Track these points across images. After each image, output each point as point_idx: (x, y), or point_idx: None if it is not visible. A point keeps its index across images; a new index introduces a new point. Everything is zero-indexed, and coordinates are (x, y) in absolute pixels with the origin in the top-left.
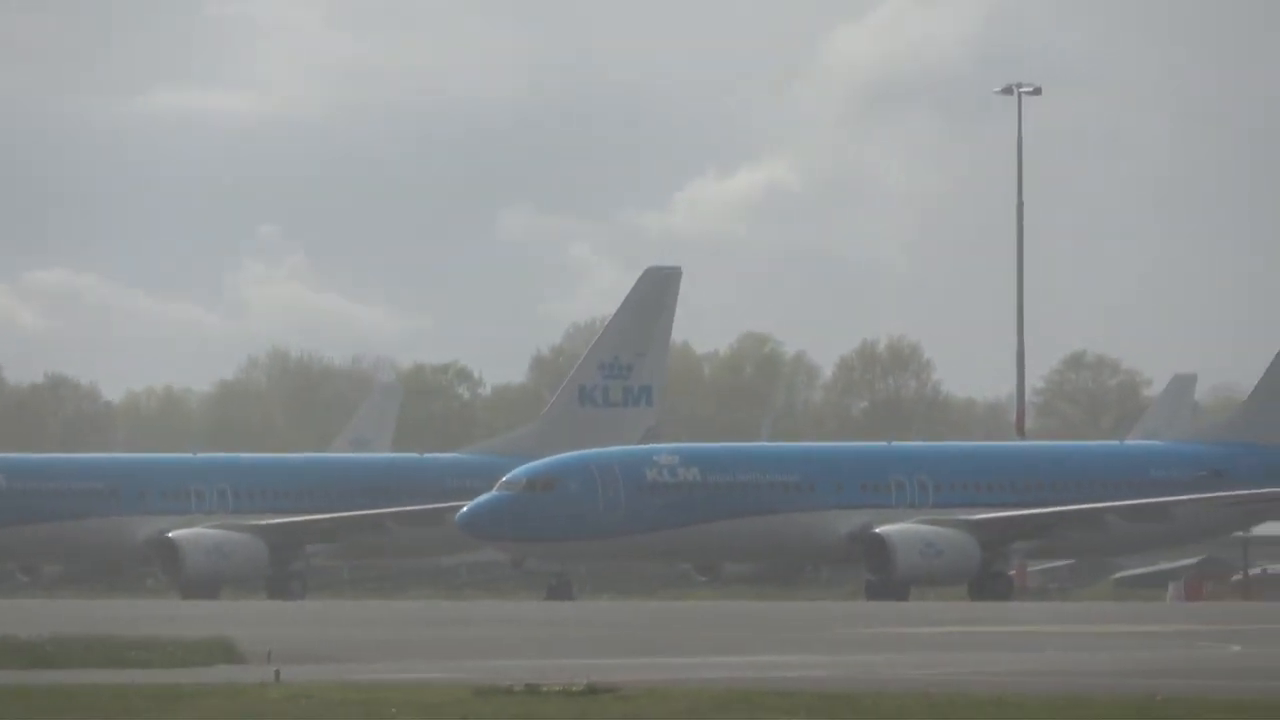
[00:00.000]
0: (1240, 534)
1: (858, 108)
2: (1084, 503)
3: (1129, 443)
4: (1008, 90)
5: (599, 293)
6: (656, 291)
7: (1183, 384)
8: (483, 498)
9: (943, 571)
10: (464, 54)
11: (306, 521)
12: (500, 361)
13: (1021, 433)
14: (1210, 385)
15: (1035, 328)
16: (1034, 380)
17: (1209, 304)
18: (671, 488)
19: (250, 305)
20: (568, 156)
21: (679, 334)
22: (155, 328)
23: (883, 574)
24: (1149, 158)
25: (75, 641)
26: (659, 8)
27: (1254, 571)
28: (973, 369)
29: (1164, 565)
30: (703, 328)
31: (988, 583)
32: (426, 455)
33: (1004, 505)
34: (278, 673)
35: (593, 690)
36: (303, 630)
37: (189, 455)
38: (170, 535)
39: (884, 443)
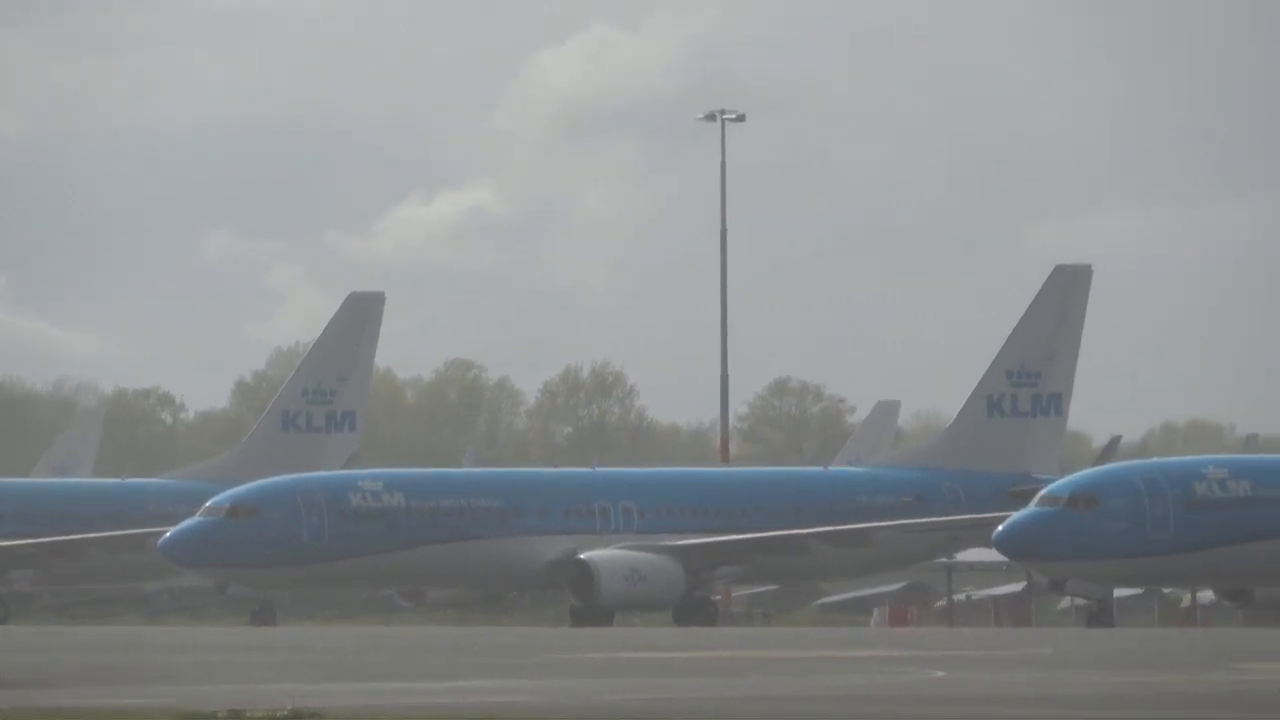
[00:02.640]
0: (944, 560)
1: (561, 133)
2: (788, 528)
3: (832, 469)
4: (711, 117)
5: (302, 318)
6: (359, 317)
7: (885, 410)
8: (185, 523)
9: (647, 597)
10: (166, 78)
11: (7, 547)
12: (203, 387)
13: (725, 458)
14: (913, 411)
15: (739, 354)
16: (738, 406)
17: (911, 331)
18: (375, 513)
19: None
20: (269, 180)
21: (382, 359)
22: None
23: (587, 599)
24: (852, 183)
25: None
26: (363, 33)
27: (958, 597)
28: (677, 395)
29: (868, 591)
30: (406, 353)
31: (692, 608)
32: (128, 481)
33: (708, 531)
34: None
35: (297, 715)
36: (3, 656)
37: None
38: None
39: (588, 469)
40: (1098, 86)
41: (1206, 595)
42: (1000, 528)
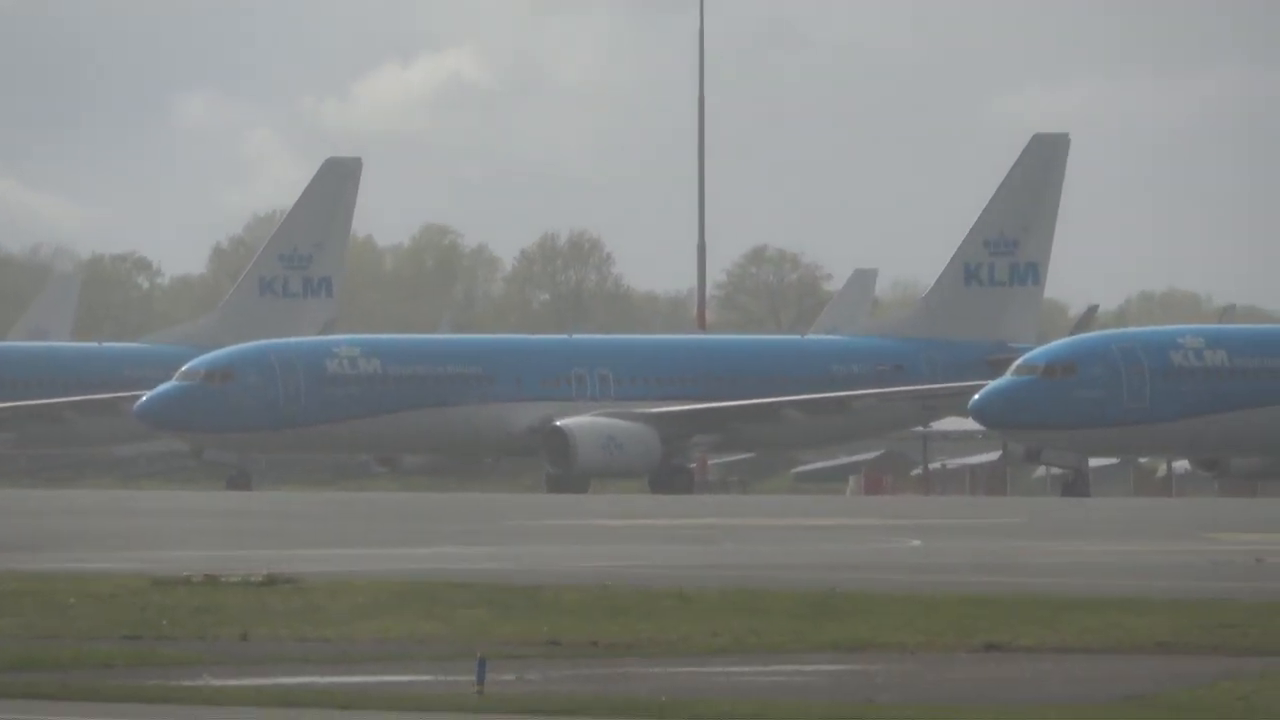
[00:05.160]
0: (920, 429)
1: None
2: (765, 397)
3: (809, 337)
4: None
5: (279, 184)
6: (336, 183)
7: (863, 279)
8: (161, 388)
9: (623, 464)
10: None
11: None
12: (179, 252)
13: (702, 326)
14: (890, 280)
15: (717, 222)
16: (715, 274)
17: (889, 199)
18: (352, 379)
19: None
20: (246, 45)
21: (360, 226)
22: None
23: (563, 467)
24: (830, 53)
25: None
26: None
27: (933, 466)
28: (654, 262)
29: (844, 459)
30: (384, 220)
31: (668, 476)
32: (105, 345)
33: (685, 399)
34: None
35: (272, 581)
36: None
37: None
38: None
39: (564, 335)
40: None
41: (1182, 465)
42: (976, 396)
